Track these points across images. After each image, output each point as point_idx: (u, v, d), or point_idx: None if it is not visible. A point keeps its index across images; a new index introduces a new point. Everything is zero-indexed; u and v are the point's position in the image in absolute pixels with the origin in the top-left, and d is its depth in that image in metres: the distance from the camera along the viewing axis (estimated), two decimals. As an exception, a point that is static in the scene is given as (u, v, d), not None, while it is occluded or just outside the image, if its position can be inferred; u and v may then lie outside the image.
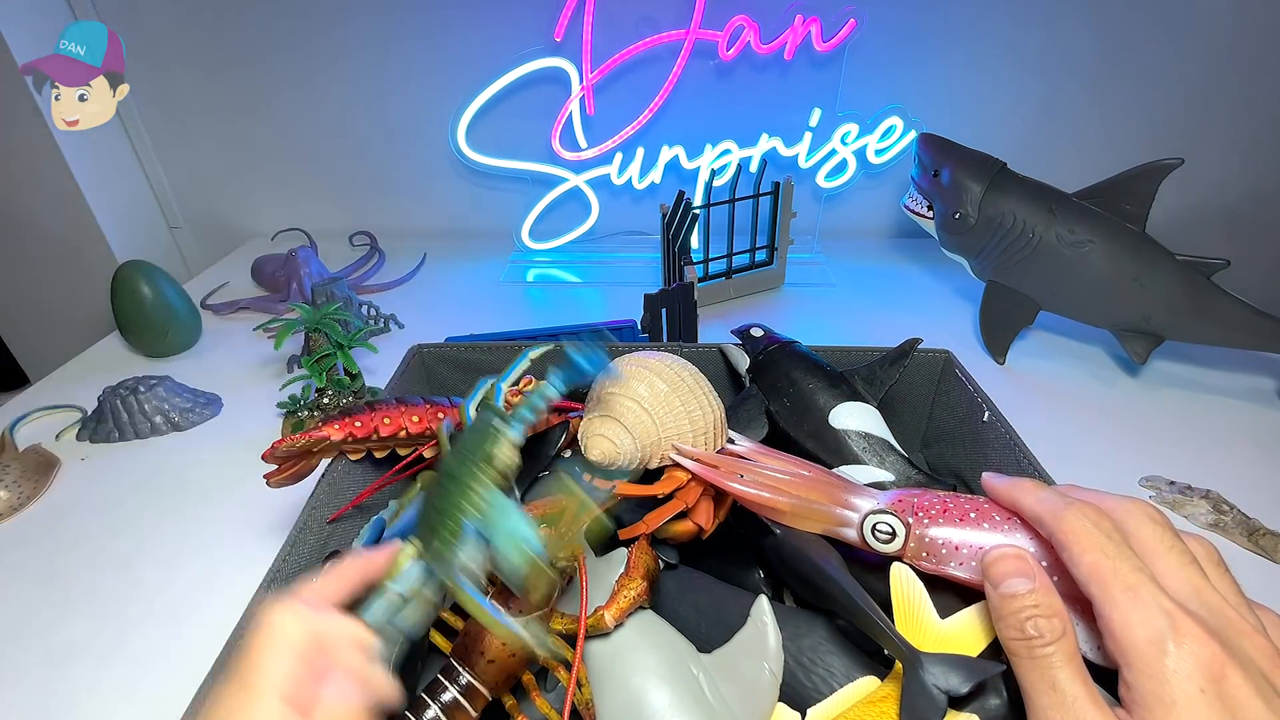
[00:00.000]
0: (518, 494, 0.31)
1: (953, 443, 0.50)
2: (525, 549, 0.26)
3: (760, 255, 0.89)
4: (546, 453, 0.42)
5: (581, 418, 0.39)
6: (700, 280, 0.83)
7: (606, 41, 0.87)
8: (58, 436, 0.64)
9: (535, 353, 0.40)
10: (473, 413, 0.38)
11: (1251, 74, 0.91)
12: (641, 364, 0.39)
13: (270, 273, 0.90)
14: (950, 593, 0.29)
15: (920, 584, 0.29)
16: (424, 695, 0.31)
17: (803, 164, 0.93)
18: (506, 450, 0.31)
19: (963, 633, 0.28)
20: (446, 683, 0.31)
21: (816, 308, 0.86)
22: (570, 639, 0.32)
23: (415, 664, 0.35)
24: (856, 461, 0.43)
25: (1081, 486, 0.27)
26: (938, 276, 0.92)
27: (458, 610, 0.35)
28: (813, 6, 0.85)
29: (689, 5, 0.84)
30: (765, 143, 0.91)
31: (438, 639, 0.34)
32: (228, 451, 0.62)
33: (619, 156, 0.94)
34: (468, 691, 0.31)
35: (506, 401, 0.38)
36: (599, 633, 0.31)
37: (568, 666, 0.31)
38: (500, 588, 0.32)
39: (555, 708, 0.32)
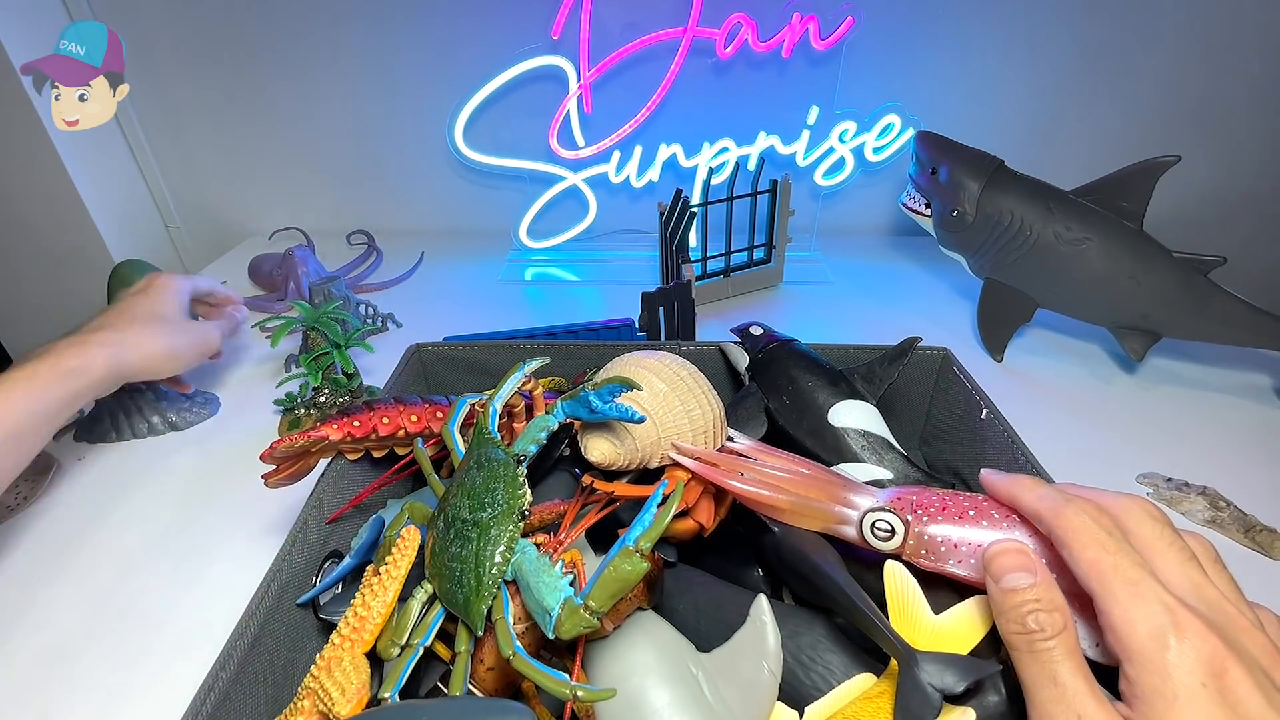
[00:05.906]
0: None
1: (951, 440, 0.50)
2: (559, 595, 0.27)
3: (758, 253, 0.89)
4: (549, 454, 0.42)
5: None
6: (698, 278, 0.82)
7: (604, 39, 0.86)
8: (55, 437, 0.64)
9: (530, 367, 0.39)
10: (459, 436, 0.37)
11: (1249, 72, 0.91)
12: (640, 364, 0.39)
13: (267, 272, 0.90)
14: (946, 589, 0.29)
15: (914, 581, 0.29)
16: None
17: (801, 162, 0.93)
18: (526, 496, 0.31)
19: (956, 628, 0.28)
20: (446, 690, 0.31)
21: (815, 306, 0.86)
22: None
23: (417, 672, 0.35)
24: (855, 459, 0.43)
25: (1079, 485, 0.27)
26: (936, 274, 0.93)
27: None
28: (810, 4, 0.85)
29: (686, 3, 0.84)
30: (763, 140, 0.91)
31: (439, 647, 0.34)
32: (226, 451, 0.62)
33: (617, 155, 0.93)
34: None
35: (505, 413, 0.38)
36: (597, 636, 0.31)
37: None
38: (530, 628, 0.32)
39: (554, 713, 0.32)
